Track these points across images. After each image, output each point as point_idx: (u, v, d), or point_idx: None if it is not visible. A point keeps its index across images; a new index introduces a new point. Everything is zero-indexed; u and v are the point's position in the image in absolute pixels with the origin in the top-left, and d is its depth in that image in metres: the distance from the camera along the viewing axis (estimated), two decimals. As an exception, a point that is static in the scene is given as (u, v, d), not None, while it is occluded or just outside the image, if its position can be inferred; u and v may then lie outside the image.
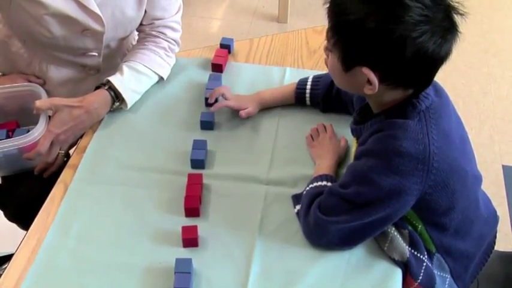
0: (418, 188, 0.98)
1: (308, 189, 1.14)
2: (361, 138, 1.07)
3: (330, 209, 1.04)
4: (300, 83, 1.33)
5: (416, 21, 0.90)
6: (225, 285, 1.03)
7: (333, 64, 1.01)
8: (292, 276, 1.04)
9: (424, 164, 0.97)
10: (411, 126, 0.98)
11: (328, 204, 1.04)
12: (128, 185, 1.20)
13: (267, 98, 1.33)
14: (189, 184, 1.17)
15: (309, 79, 1.33)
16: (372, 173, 0.99)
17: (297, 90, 1.32)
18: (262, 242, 1.10)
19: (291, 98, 1.33)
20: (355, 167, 1.03)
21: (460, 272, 1.13)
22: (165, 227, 1.12)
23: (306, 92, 1.31)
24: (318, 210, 1.05)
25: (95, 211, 1.16)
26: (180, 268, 1.02)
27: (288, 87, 1.35)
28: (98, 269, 1.05)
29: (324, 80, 1.30)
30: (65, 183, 1.21)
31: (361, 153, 1.03)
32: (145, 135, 1.31)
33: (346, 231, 1.04)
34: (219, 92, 1.31)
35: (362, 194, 1.00)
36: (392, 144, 0.97)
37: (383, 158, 0.98)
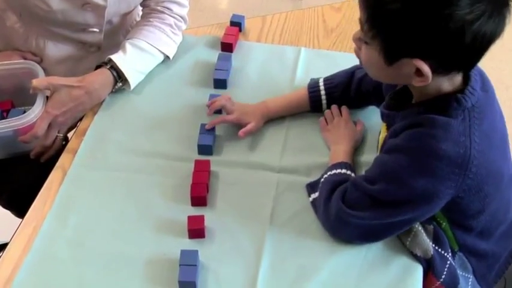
0: (451, 192, 0.97)
1: (327, 176, 1.13)
2: (393, 127, 1.04)
3: (354, 203, 1.03)
4: (311, 88, 1.28)
5: (471, 2, 0.86)
6: (233, 279, 1.03)
7: (370, 57, 0.97)
8: (304, 271, 1.04)
9: (461, 168, 0.95)
10: (454, 126, 0.95)
11: (352, 197, 1.04)
12: (131, 171, 1.20)
13: (273, 108, 1.28)
14: (195, 171, 1.17)
15: (320, 82, 1.28)
16: (403, 173, 0.97)
17: (311, 96, 1.28)
18: (274, 234, 1.10)
19: (303, 105, 1.29)
20: (385, 163, 1.02)
21: (484, 272, 1.13)
22: (169, 216, 1.13)
23: (322, 97, 1.27)
24: (341, 201, 1.05)
25: (95, 199, 1.16)
26: (185, 260, 1.02)
27: (298, 94, 1.30)
28: (98, 260, 1.05)
29: (338, 79, 1.27)
30: (63, 169, 1.21)
31: (393, 147, 1.01)
32: (149, 118, 1.31)
33: (369, 227, 1.04)
34: (218, 104, 1.25)
35: (390, 193, 0.99)
36: (430, 144, 0.95)
37: (418, 158, 0.96)
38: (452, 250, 1.10)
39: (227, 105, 1.25)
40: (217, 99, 1.27)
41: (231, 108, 1.25)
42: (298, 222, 1.12)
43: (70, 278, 1.03)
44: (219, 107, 1.26)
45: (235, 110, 1.24)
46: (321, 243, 1.08)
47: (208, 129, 1.24)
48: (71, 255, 1.06)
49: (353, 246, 1.07)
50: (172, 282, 1.01)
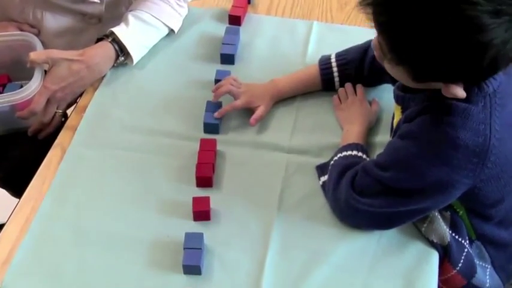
0: (468, 182, 0.97)
1: (336, 159, 1.13)
2: (408, 110, 1.03)
3: (363, 189, 1.03)
4: (323, 65, 1.27)
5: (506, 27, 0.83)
6: (239, 263, 1.04)
7: (395, 72, 0.97)
8: (314, 256, 1.05)
9: (480, 157, 0.94)
10: (474, 114, 0.94)
11: (363, 183, 1.04)
12: (133, 150, 1.20)
13: (283, 88, 1.26)
14: (201, 150, 1.17)
15: (331, 58, 1.26)
16: (416, 161, 0.97)
17: (322, 74, 1.26)
18: (282, 217, 1.10)
19: (314, 84, 1.27)
20: (398, 149, 1.01)
21: (502, 263, 1.13)
22: (173, 197, 1.13)
23: (334, 74, 1.26)
24: (351, 187, 1.05)
25: (95, 178, 1.16)
26: (190, 243, 1.02)
27: (308, 71, 1.28)
28: (99, 242, 1.06)
29: (351, 55, 1.25)
30: (62, 147, 1.21)
31: (407, 133, 1.00)
32: (153, 95, 1.31)
33: (379, 215, 1.03)
34: (224, 90, 1.23)
35: (402, 181, 0.99)
36: (447, 133, 0.94)
37: (433, 147, 0.95)
38: (470, 238, 1.10)
39: (233, 90, 1.23)
40: (222, 84, 1.24)
41: (238, 92, 1.23)
42: (308, 206, 1.12)
43: (70, 260, 1.04)
44: (225, 93, 1.23)
45: (242, 94, 1.22)
46: (331, 227, 1.09)
47: (217, 117, 1.22)
48: (71, 237, 1.07)
49: (366, 231, 1.08)
50: (176, 266, 1.02)
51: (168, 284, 1.00)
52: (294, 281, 1.01)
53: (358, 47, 1.27)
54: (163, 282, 1.01)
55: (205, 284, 1.00)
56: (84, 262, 1.03)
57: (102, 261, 1.03)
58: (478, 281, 1.09)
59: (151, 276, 1.02)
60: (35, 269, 1.03)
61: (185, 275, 1.01)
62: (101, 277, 1.01)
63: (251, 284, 1.01)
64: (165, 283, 1.01)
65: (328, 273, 1.03)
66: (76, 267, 1.03)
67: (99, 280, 1.01)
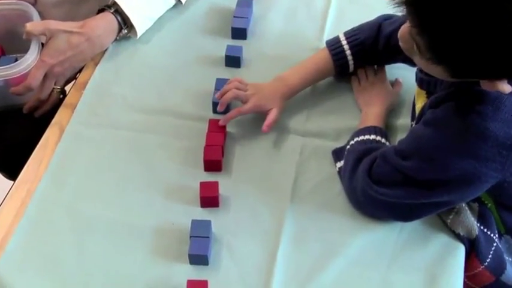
0: (496, 175, 0.96)
1: (353, 143, 1.13)
2: (434, 96, 1.02)
3: (381, 178, 1.03)
4: (333, 49, 1.23)
5: None
6: (249, 253, 1.04)
7: (429, 68, 0.94)
8: (330, 247, 1.05)
9: (510, 150, 0.93)
10: (506, 104, 0.92)
11: (381, 171, 1.03)
12: (136, 130, 1.21)
13: (293, 85, 1.21)
14: (210, 132, 1.17)
15: (342, 40, 1.23)
16: (441, 151, 0.96)
17: (335, 59, 1.23)
18: (296, 205, 1.10)
19: (326, 71, 1.24)
20: (421, 136, 1.00)
21: None
22: (179, 182, 1.13)
23: (348, 58, 1.23)
24: (368, 175, 1.04)
25: (96, 160, 1.16)
26: (196, 231, 1.03)
27: (318, 59, 1.24)
28: (99, 229, 1.06)
29: (363, 34, 1.22)
30: (60, 126, 1.22)
31: (432, 120, 0.99)
32: (158, 71, 1.31)
33: (399, 207, 1.03)
34: (230, 96, 1.18)
35: (424, 172, 0.98)
36: (476, 123, 0.92)
37: (459, 137, 0.94)
38: (499, 232, 1.09)
39: (240, 95, 1.18)
40: (227, 89, 1.18)
41: (246, 96, 1.18)
42: (323, 193, 1.12)
43: (68, 247, 1.04)
44: (231, 99, 1.19)
45: (250, 97, 1.18)
46: (348, 216, 1.09)
47: (222, 125, 1.18)
48: (69, 222, 1.07)
49: (386, 221, 1.07)
50: (182, 255, 1.02)
51: (173, 274, 1.01)
52: (307, 274, 1.01)
53: (370, 24, 1.24)
54: (167, 273, 1.01)
55: (212, 274, 1.00)
56: (83, 250, 1.04)
57: (102, 250, 1.04)
58: (507, 278, 1.09)
59: (154, 266, 1.02)
60: (30, 257, 1.03)
61: (191, 265, 1.02)
62: (101, 266, 1.01)
63: (261, 276, 1.01)
64: (169, 273, 1.01)
65: (344, 266, 1.02)
66: (75, 255, 1.03)
67: (99, 269, 1.01)
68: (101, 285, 1.00)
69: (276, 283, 1.00)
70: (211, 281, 0.99)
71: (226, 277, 1.01)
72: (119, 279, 1.00)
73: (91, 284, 1.00)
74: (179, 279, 0.99)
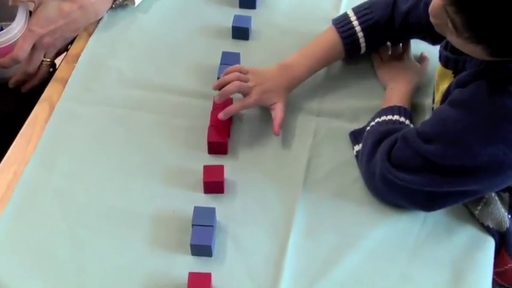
0: None
1: (373, 124, 1.13)
2: (461, 75, 1.01)
3: (402, 163, 1.03)
4: (343, 29, 1.21)
5: None
6: (257, 244, 1.04)
7: (464, 47, 0.93)
8: (345, 239, 1.05)
9: None
10: None
11: (401, 155, 1.03)
12: (134, 107, 1.21)
13: (298, 72, 1.19)
14: (214, 110, 1.17)
15: (351, 18, 1.21)
16: (468, 135, 0.96)
17: (346, 42, 1.21)
18: (309, 192, 1.10)
19: (335, 55, 1.22)
20: (446, 119, 0.99)
21: None
22: (181, 165, 1.13)
23: (360, 40, 1.21)
24: (387, 158, 1.04)
25: (89, 140, 1.16)
26: (199, 220, 1.03)
27: (324, 41, 1.22)
28: (94, 217, 1.06)
29: (376, 13, 1.20)
30: (50, 102, 1.22)
31: (459, 101, 0.98)
32: (158, 43, 1.31)
33: (420, 194, 1.03)
34: (231, 90, 1.14)
35: (448, 158, 0.98)
36: (508, 105, 0.92)
37: (489, 120, 0.94)
38: None
39: (243, 87, 1.15)
40: (227, 79, 1.15)
41: (248, 88, 1.15)
42: (339, 179, 1.12)
43: (59, 237, 1.04)
44: (233, 93, 1.15)
45: (253, 90, 1.14)
46: (366, 205, 1.09)
47: (222, 119, 1.14)
48: (61, 210, 1.07)
49: (407, 210, 1.07)
50: (183, 245, 1.02)
51: (173, 266, 1.01)
52: (320, 268, 1.01)
53: (382, 1, 1.22)
54: (167, 265, 1.01)
55: (216, 267, 1.00)
56: (76, 240, 1.03)
57: (97, 240, 1.04)
58: (541, 276, 1.10)
59: (153, 257, 1.02)
60: (17, 248, 1.03)
61: (193, 257, 1.02)
62: (95, 258, 1.01)
63: (270, 269, 1.01)
64: (169, 265, 1.01)
65: (361, 259, 1.03)
66: (67, 246, 1.03)
67: (94, 261, 1.01)
68: (95, 278, 0.99)
69: (286, 277, 1.00)
70: (215, 274, 0.98)
71: (231, 270, 1.01)
72: (115, 272, 1.00)
73: (85, 277, 0.99)
74: (180, 272, 0.99)
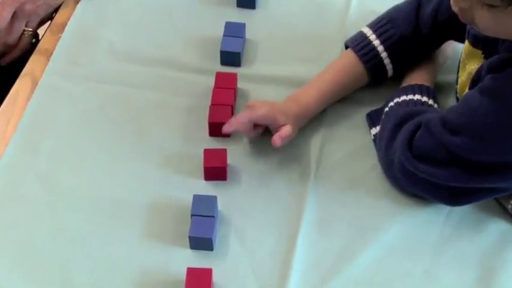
0: None
1: (392, 105, 1.12)
2: (493, 59, 0.99)
3: (424, 153, 1.02)
4: (364, 53, 1.17)
5: None
6: (263, 238, 1.03)
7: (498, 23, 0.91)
8: (361, 232, 1.04)
9: None
10: None
11: (424, 145, 1.02)
12: (127, 84, 1.21)
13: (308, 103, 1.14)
14: (216, 88, 1.17)
15: (369, 36, 1.18)
16: (499, 128, 0.95)
17: (370, 67, 1.17)
18: (321, 180, 1.09)
19: (355, 84, 1.18)
20: (476, 108, 0.98)
21: None
22: (179, 149, 1.13)
23: (383, 57, 1.17)
24: (407, 147, 1.03)
25: (77, 120, 1.16)
26: (199, 209, 1.02)
27: (340, 70, 1.17)
28: (82, 206, 1.06)
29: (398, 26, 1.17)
30: (32, 77, 1.22)
31: (490, 89, 0.97)
32: (154, 11, 1.31)
33: (444, 189, 1.03)
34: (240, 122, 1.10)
35: (476, 152, 0.97)
36: None
37: None
38: None
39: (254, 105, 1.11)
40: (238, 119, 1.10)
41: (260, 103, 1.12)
42: (354, 165, 1.12)
43: (43, 227, 1.03)
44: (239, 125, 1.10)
45: (263, 105, 1.11)
46: (384, 196, 1.08)
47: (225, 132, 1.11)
48: (45, 197, 1.06)
49: (430, 202, 1.07)
50: (181, 237, 1.01)
51: (170, 261, 1.00)
52: (333, 265, 1.01)
53: (403, 9, 1.19)
54: (163, 259, 1.00)
55: (217, 262, 1.00)
56: (62, 231, 1.03)
57: (85, 231, 1.03)
58: None
59: (147, 250, 1.01)
60: (-1, 236, 1.02)
61: (192, 250, 1.01)
62: (84, 250, 1.01)
63: (277, 265, 1.00)
64: (165, 260, 1.00)
65: (378, 256, 1.02)
66: (51, 237, 1.02)
67: (82, 254, 1.01)
68: (82, 273, 0.99)
69: (295, 274, 0.99)
70: (216, 269, 0.98)
71: (235, 266, 1.00)
72: (104, 267, 0.99)
73: (70, 272, 0.99)
74: (177, 267, 0.98)
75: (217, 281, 0.97)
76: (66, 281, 0.97)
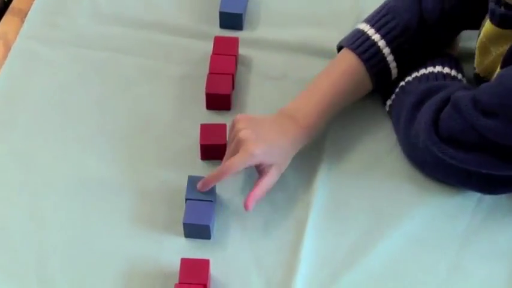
0: None
1: (410, 79, 1.11)
2: None
3: (452, 135, 1.01)
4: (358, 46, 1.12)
5: None
6: (268, 225, 1.02)
7: None
8: (379, 220, 1.03)
9: None
10: None
11: (452, 126, 1.01)
12: (112, 49, 1.21)
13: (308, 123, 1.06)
14: (215, 54, 1.17)
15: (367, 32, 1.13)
16: None
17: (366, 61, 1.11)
18: (333, 161, 1.09)
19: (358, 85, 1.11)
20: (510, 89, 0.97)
21: None
22: (172, 124, 1.13)
23: (385, 55, 1.12)
24: (434, 130, 1.02)
25: (56, 90, 1.16)
26: (195, 193, 1.01)
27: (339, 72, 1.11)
28: (62, 188, 1.05)
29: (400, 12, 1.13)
30: (5, 41, 1.22)
31: None
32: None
33: (476, 177, 1.02)
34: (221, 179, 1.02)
35: (510, 138, 0.97)
36: None
37: None
38: None
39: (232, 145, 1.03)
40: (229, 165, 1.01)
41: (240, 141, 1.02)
42: (370, 145, 1.11)
43: (18, 211, 1.03)
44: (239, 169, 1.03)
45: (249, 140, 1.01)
46: (406, 179, 1.08)
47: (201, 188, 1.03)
48: (20, 177, 1.06)
49: (457, 188, 1.06)
50: (174, 224, 1.01)
51: (162, 251, 1.00)
52: (346, 257, 1.00)
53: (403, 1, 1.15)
54: (154, 249, 1.00)
55: (215, 252, 0.99)
56: (40, 215, 1.03)
57: (66, 216, 1.03)
58: None
59: (136, 239, 1.01)
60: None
61: (187, 239, 1.01)
62: (64, 238, 1.00)
63: (284, 256, 0.99)
64: (157, 249, 1.00)
65: (398, 247, 1.01)
66: (28, 223, 1.02)
67: (62, 242, 1.00)
68: (63, 263, 0.98)
69: (303, 267, 0.98)
70: (214, 260, 0.97)
71: (235, 256, 1.00)
72: (88, 257, 0.99)
73: (48, 262, 0.98)
74: (170, 257, 0.98)
75: (215, 274, 0.97)
76: (43, 272, 0.97)
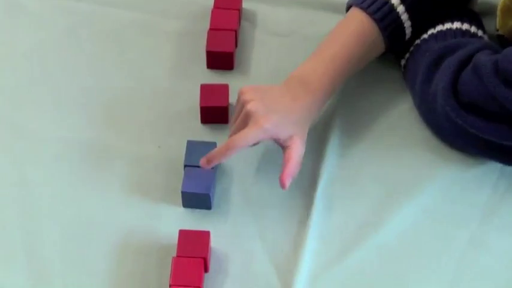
0: None
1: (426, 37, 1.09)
2: None
3: (473, 101, 1.00)
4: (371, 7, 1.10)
5: None
6: (273, 195, 1.02)
7: None
8: (393, 191, 1.02)
9: None
10: None
11: (472, 91, 1.00)
12: (105, 2, 1.20)
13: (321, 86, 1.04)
14: (216, 8, 1.17)
15: None
16: None
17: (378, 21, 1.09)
18: (344, 126, 1.09)
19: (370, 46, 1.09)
20: None
21: None
22: (169, 84, 1.13)
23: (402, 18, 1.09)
24: (452, 94, 1.01)
25: (42, 46, 1.16)
26: (194, 159, 1.00)
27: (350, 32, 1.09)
28: (50, 154, 1.05)
29: None
30: None
31: None
32: None
33: (498, 148, 1.02)
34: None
35: None
36: None
37: None
38: None
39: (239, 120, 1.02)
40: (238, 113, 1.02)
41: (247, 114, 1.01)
42: (383, 109, 1.11)
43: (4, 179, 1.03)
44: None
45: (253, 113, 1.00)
46: (421, 147, 1.07)
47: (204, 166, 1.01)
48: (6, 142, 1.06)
49: (478, 157, 1.05)
50: (172, 193, 1.01)
51: (159, 221, 0.99)
52: (358, 229, 0.99)
53: None
54: (150, 219, 1.00)
55: (216, 223, 0.99)
56: (27, 183, 1.03)
57: (55, 184, 1.03)
58: None
59: (132, 209, 1.01)
60: None
61: (185, 209, 1.00)
62: (53, 208, 1.00)
63: (291, 227, 0.99)
64: (153, 220, 1.00)
65: (414, 219, 1.00)
66: (14, 192, 1.02)
67: (51, 212, 1.00)
68: (53, 235, 0.98)
69: (312, 238, 0.98)
70: (215, 232, 0.96)
71: (237, 228, 1.00)
72: (80, 228, 0.99)
73: (37, 234, 0.98)
74: (167, 229, 0.98)
75: (216, 246, 0.96)
76: (32, 245, 0.96)
